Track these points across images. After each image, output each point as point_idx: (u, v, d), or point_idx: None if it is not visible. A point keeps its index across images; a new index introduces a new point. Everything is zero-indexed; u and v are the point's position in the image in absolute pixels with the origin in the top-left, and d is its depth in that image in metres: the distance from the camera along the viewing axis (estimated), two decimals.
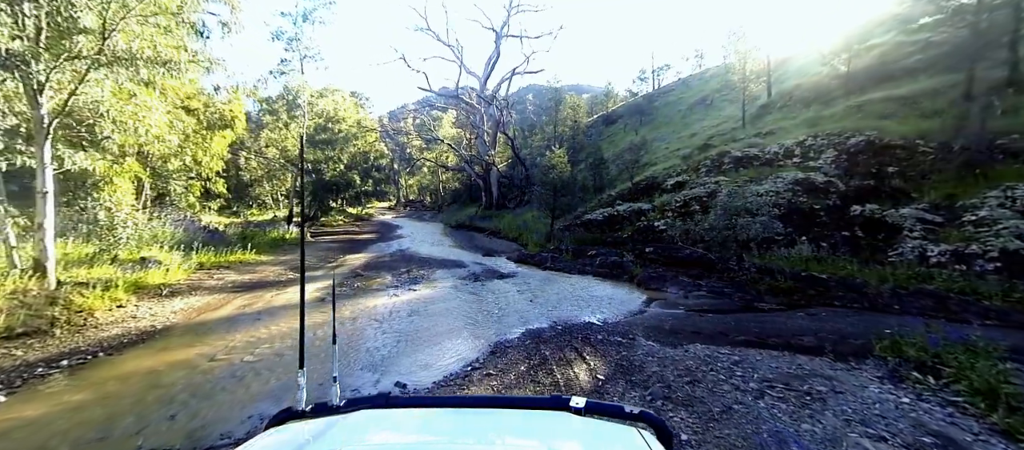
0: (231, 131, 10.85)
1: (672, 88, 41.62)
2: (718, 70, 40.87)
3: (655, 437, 0.98)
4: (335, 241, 17.40)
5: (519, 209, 26.24)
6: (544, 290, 9.01)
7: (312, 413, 1.13)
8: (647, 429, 1.02)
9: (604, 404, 1.11)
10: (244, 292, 8.26)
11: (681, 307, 7.43)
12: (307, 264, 12.20)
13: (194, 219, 13.32)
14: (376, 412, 1.13)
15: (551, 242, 14.77)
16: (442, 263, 12.36)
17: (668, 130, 30.69)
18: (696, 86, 38.73)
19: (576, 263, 11.49)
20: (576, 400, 1.09)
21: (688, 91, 38.57)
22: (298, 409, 1.14)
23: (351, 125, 22.44)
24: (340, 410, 1.13)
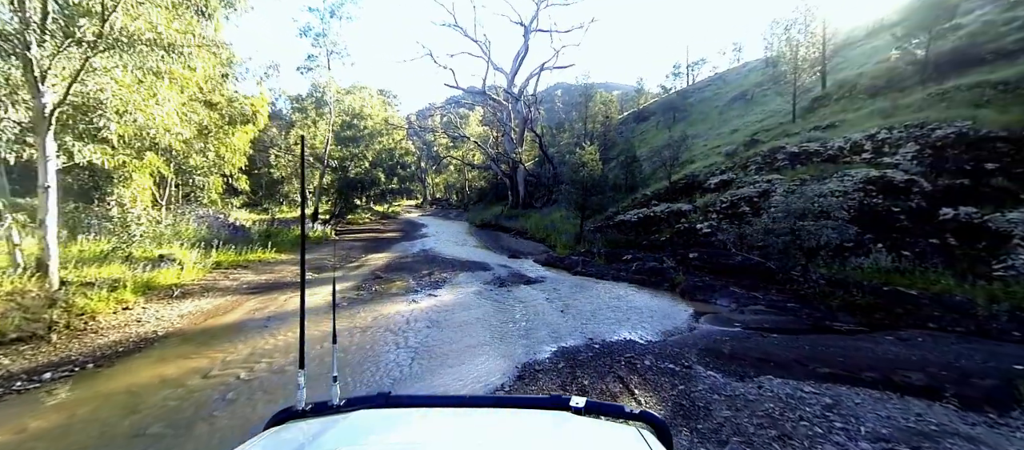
0: (253, 126, 10.55)
1: (707, 83, 39.59)
2: (758, 64, 38.58)
3: (655, 437, 0.97)
4: (359, 239, 17.07)
5: (546, 208, 25.35)
6: (576, 299, 8.15)
7: (312, 413, 1.12)
8: (647, 429, 1.01)
9: (604, 404, 1.10)
10: (257, 294, 7.80)
11: (737, 324, 6.41)
12: (328, 264, 11.77)
13: (219, 216, 13.18)
14: (376, 412, 1.13)
15: (581, 244, 13.84)
16: (466, 265, 11.68)
17: (705, 127, 29.02)
18: (734, 81, 36.65)
19: (609, 268, 10.54)
20: (576, 400, 1.09)
21: (725, 86, 36.55)
22: (298, 409, 1.12)
23: (377, 122, 22.15)
24: (340, 410, 1.13)
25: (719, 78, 39.32)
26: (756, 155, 12.44)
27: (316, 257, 12.23)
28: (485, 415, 1.15)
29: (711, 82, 39.23)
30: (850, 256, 7.63)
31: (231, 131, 10.13)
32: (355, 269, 10.87)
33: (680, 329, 6.32)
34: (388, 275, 10.05)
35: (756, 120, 20.04)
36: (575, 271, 10.89)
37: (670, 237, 11.71)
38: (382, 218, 27.64)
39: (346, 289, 8.61)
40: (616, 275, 9.98)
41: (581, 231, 16.44)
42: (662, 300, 8.11)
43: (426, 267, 11.10)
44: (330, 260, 11.90)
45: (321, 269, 10.66)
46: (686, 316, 7.04)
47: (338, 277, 9.80)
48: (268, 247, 11.06)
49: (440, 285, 9.10)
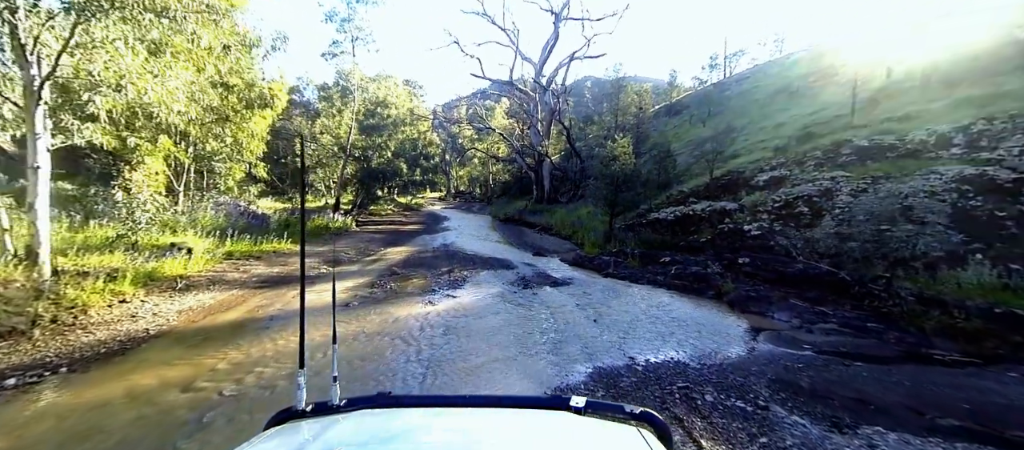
0: (271, 111, 10.10)
1: (746, 76, 37.36)
2: (803, 54, 36.09)
3: (656, 437, 0.97)
4: (379, 231, 16.59)
5: (572, 204, 24.33)
6: (609, 305, 7.24)
7: (312, 413, 1.10)
8: (648, 429, 1.00)
9: (605, 403, 1.10)
10: (265, 289, 7.25)
11: (807, 346, 5.37)
12: (344, 257, 11.23)
13: (240, 204, 12.88)
14: (376, 412, 1.12)
15: (611, 243, 12.84)
16: (488, 263, 10.91)
17: (743, 121, 27.20)
18: (775, 73, 34.35)
19: (644, 271, 9.54)
20: (576, 399, 1.08)
21: (765, 79, 34.32)
22: (298, 409, 1.10)
23: (402, 111, 21.61)
24: (340, 410, 1.12)
25: (759, 70, 37.00)
26: (814, 150, 11.08)
27: (332, 249, 11.73)
28: (485, 415, 1.13)
29: (750, 74, 36.96)
30: (941, 268, 6.40)
31: (248, 116, 9.69)
32: (372, 263, 10.27)
33: (738, 350, 5.33)
34: (405, 271, 9.39)
35: (805, 113, 18.37)
36: (606, 273, 9.94)
37: (712, 238, 10.58)
38: (404, 210, 27.27)
39: (360, 285, 7.99)
40: (652, 279, 8.98)
41: (611, 229, 15.41)
42: (708, 311, 7.09)
43: (446, 263, 10.39)
44: (348, 253, 11.37)
45: (337, 262, 10.11)
46: (741, 333, 6.03)
47: (353, 271, 9.21)
48: (284, 238, 10.61)
49: (460, 285, 8.36)
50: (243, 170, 10.69)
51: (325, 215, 16.17)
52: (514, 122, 34.33)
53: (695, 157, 23.02)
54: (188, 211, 10.09)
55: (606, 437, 0.99)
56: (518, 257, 12.43)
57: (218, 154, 10.14)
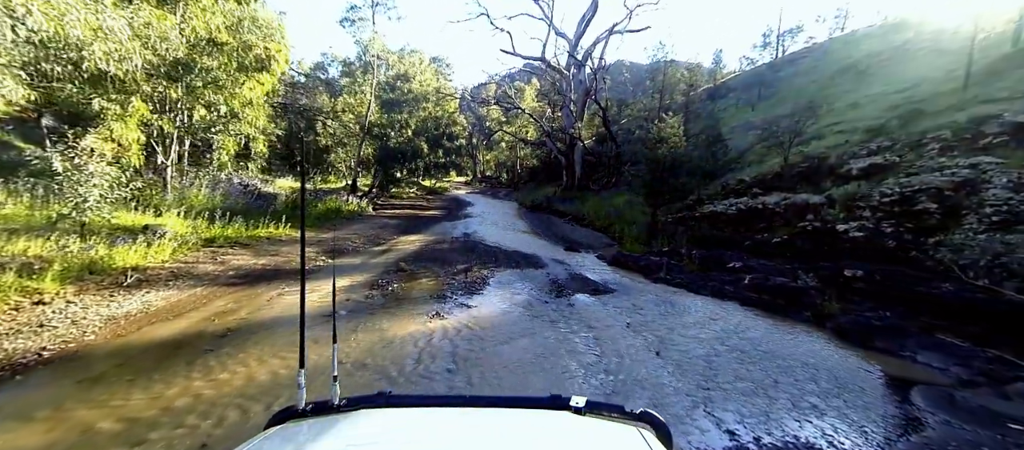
0: (267, 75, 8.66)
1: (801, 56, 33.56)
2: (873, 30, 31.96)
3: (656, 437, 0.95)
4: (396, 216, 15.15)
5: (606, 192, 22.21)
6: (670, 328, 5.40)
7: (312, 413, 1.08)
8: (648, 429, 0.98)
9: (605, 403, 1.07)
10: (238, 286, 5.80)
11: (1017, 424, 3.38)
12: (349, 246, 9.71)
13: (242, 182, 11.64)
14: (376, 411, 1.10)
15: (659, 240, 10.84)
16: (512, 258, 9.20)
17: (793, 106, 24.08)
18: (837, 51, 30.51)
19: (706, 278, 7.57)
20: (576, 399, 1.06)
21: (825, 58, 30.56)
22: (298, 408, 1.08)
23: (425, 87, 19.88)
24: (340, 409, 1.09)
25: (816, 49, 33.06)
26: (936, 130, 8.61)
27: (340, 236, 10.30)
28: (485, 415, 1.11)
29: (807, 54, 33.08)
30: None
31: (241, 79, 8.28)
32: (379, 255, 8.75)
33: (895, 424, 3.41)
34: (415, 268, 7.81)
35: (890, 92, 15.48)
36: (655, 277, 8.04)
37: (789, 238, 8.44)
38: (428, 194, 25.87)
39: (357, 285, 6.46)
40: (719, 289, 7.02)
41: (654, 222, 13.36)
42: (812, 342, 5.13)
43: (464, 258, 8.75)
44: (354, 241, 9.92)
45: (340, 252, 8.65)
46: (880, 386, 4.08)
47: (354, 265, 7.71)
48: (283, 222, 9.24)
49: (478, 289, 6.68)
50: (238, 144, 9.37)
51: (339, 197, 14.85)
52: (544, 105, 32.16)
53: (749, 142, 20.36)
54: (179, 189, 8.84)
55: (606, 437, 0.97)
56: (548, 252, 10.65)
57: (213, 125, 8.82)
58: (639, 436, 0.93)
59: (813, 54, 32.46)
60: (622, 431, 0.97)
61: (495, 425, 1.05)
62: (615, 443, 0.93)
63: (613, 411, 1.05)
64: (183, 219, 7.83)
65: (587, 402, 1.05)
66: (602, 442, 0.95)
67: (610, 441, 0.95)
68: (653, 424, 1.00)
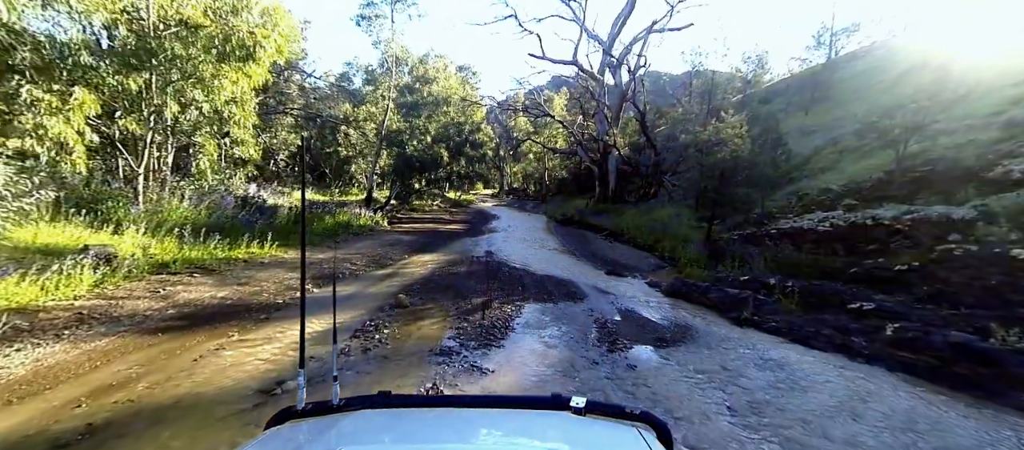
0: (254, 66, 7.25)
1: (858, 55, 30.18)
2: None
3: (656, 438, 0.94)
4: (412, 231, 13.52)
5: (644, 203, 19.92)
6: (804, 419, 3.31)
7: (312, 413, 1.06)
8: (648, 429, 0.96)
9: (605, 403, 1.07)
10: (165, 337, 4.15)
11: None
12: (346, 270, 7.92)
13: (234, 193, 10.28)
14: (376, 411, 1.08)
15: (725, 263, 8.59)
16: (544, 287, 7.25)
17: (865, 108, 21.08)
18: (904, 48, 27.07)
19: (817, 323, 5.34)
20: (576, 399, 1.03)
21: (891, 57, 27.17)
22: (297, 408, 1.05)
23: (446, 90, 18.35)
24: (340, 410, 1.07)
25: (878, 47, 29.58)
26: None
27: (341, 255, 8.67)
28: (485, 415, 1.11)
29: (863, 54, 29.67)
30: None
31: (223, 70, 6.89)
32: (378, 281, 7.02)
33: None
34: (419, 301, 6.00)
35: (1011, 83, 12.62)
36: (737, 317, 5.87)
37: (922, 266, 6.06)
38: (452, 206, 24.33)
39: (341, 325, 4.70)
40: (843, 343, 4.81)
41: (710, 239, 11.09)
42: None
43: (482, 287, 6.88)
44: (355, 262, 8.24)
45: (335, 277, 6.97)
46: None
47: (345, 296, 5.97)
48: (271, 240, 7.69)
49: (497, 338, 4.77)
50: (218, 147, 7.99)
51: (352, 211, 13.40)
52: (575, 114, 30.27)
53: (812, 147, 17.62)
54: (155, 200, 7.48)
55: (606, 437, 0.96)
56: (586, 276, 8.63)
57: (197, 126, 7.45)
58: (639, 436, 0.91)
59: (871, 54, 29.05)
60: (622, 431, 0.96)
61: (495, 425, 1.03)
62: (615, 443, 0.92)
63: (613, 411, 1.02)
64: (148, 237, 6.38)
65: (587, 402, 1.02)
66: (602, 442, 0.94)
67: (610, 441, 0.94)
68: (653, 424, 0.97)
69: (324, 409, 1.06)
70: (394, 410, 1.10)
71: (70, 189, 6.71)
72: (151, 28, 6.28)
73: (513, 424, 1.03)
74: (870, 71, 26.46)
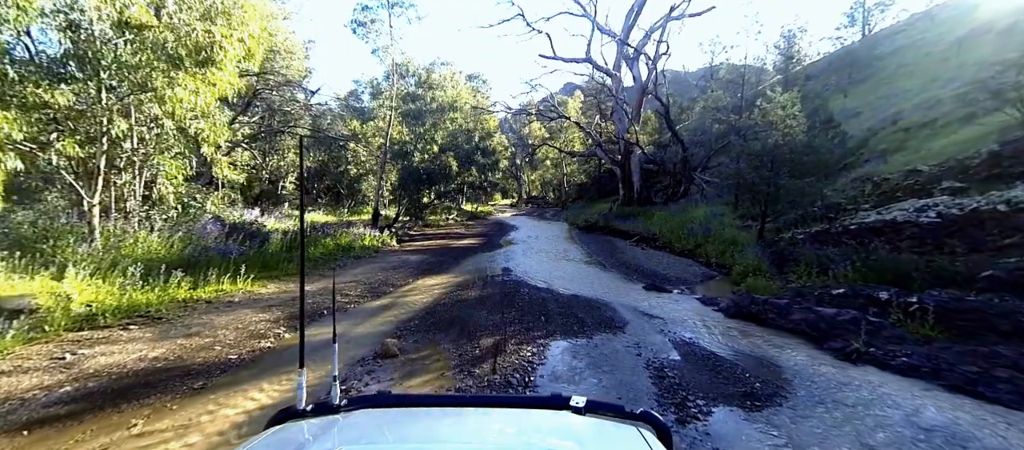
0: (216, 71, 6.12)
1: (900, 29, 27.54)
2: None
3: (656, 437, 0.93)
4: (423, 249, 12.22)
5: (673, 204, 18.10)
6: None
7: (312, 413, 1.05)
8: (648, 429, 0.96)
9: (605, 403, 1.04)
10: (40, 433, 2.86)
11: None
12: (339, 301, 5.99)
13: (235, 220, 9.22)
14: (376, 411, 1.08)
15: (798, 270, 6.83)
16: (572, 312, 5.73)
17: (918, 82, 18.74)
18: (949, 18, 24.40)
19: (975, 357, 3.63)
20: (576, 399, 1.03)
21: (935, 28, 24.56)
22: (298, 409, 1.05)
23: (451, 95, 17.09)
24: (340, 410, 1.06)
25: (919, 20, 26.87)
26: None
27: (338, 283, 7.38)
28: (485, 414, 1.10)
29: (904, 28, 27.02)
30: None
31: (179, 78, 5.78)
32: (370, 317, 5.66)
33: None
34: (415, 344, 4.61)
35: None
36: (844, 351, 4.20)
37: None
38: (468, 219, 23.04)
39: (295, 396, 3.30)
40: (1013, 393, 3.09)
41: (763, 239, 9.31)
42: None
43: (496, 318, 5.41)
44: (350, 292, 6.92)
45: (311, 317, 5.65)
46: None
47: (315, 346, 4.61)
48: (244, 274, 6.46)
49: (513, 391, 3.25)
50: (182, 169, 6.85)
51: (355, 230, 12.22)
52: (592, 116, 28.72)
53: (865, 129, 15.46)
54: (119, 235, 6.40)
55: (606, 436, 0.96)
56: (622, 294, 7.05)
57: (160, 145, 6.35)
58: (639, 436, 0.91)
59: (913, 27, 26.39)
60: (622, 431, 0.95)
61: (495, 425, 1.03)
62: (615, 443, 0.92)
63: (613, 411, 1.02)
64: (94, 280, 5.24)
65: (587, 402, 1.02)
66: (602, 442, 0.94)
67: (610, 441, 0.94)
68: (653, 424, 0.97)
69: (324, 409, 1.05)
70: (394, 410, 1.10)
71: (11, 227, 5.68)
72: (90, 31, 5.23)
73: (513, 423, 1.02)
74: (915, 44, 23.92)
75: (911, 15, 28.90)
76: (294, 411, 1.04)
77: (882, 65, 23.67)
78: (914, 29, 26.08)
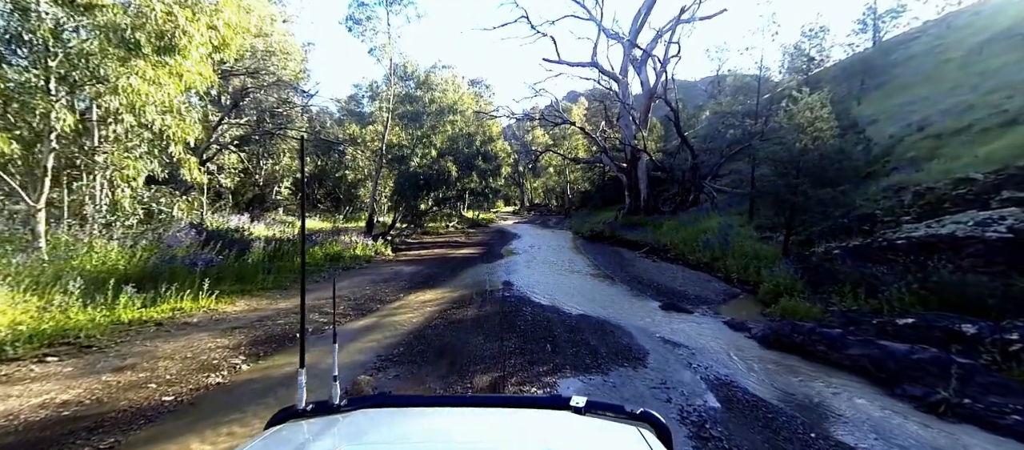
0: (182, 60, 5.41)
1: (914, 36, 26.71)
2: None
3: (656, 437, 0.92)
4: (418, 259, 11.40)
5: (683, 212, 17.22)
6: None
7: (312, 413, 1.03)
8: (648, 429, 0.94)
9: (605, 403, 1.03)
10: None
11: None
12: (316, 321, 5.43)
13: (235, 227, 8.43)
14: (376, 411, 1.07)
15: (842, 290, 5.94)
16: (582, 341, 4.87)
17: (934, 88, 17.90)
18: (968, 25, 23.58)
19: None
20: (576, 399, 1.02)
21: (950, 34, 23.74)
22: (298, 408, 1.03)
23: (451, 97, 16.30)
24: (340, 410, 1.04)
25: (938, 24, 26.05)
26: None
27: (321, 298, 6.56)
28: (485, 415, 1.09)
29: (923, 32, 26.19)
30: None
31: (136, 69, 5.07)
32: (348, 342, 4.82)
33: None
34: (395, 381, 3.77)
35: None
36: (927, 400, 3.33)
37: None
38: (470, 226, 22.25)
39: None
40: None
41: (788, 253, 8.44)
42: None
43: (494, 344, 4.56)
44: (329, 311, 6.10)
45: (276, 341, 4.82)
46: None
47: (266, 385, 3.78)
48: (207, 289, 5.65)
49: None
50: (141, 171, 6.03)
51: (351, 238, 11.41)
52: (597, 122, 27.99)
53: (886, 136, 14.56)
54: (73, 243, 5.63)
55: (606, 437, 0.94)
56: (638, 315, 6.18)
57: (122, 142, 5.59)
58: (639, 436, 0.90)
59: (930, 32, 25.56)
60: (622, 431, 0.94)
61: (495, 425, 1.02)
62: (615, 443, 0.91)
63: (613, 411, 1.01)
64: (30, 296, 4.45)
65: (587, 402, 1.01)
66: (602, 442, 0.93)
67: (610, 441, 0.93)
68: (653, 424, 0.96)
69: (325, 409, 1.03)
70: (394, 410, 1.09)
71: None
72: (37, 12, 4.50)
73: (513, 423, 1.01)
74: (932, 51, 23.06)
75: (925, 22, 28.11)
76: (294, 411, 1.02)
77: (897, 72, 22.82)
78: (929, 35, 25.27)
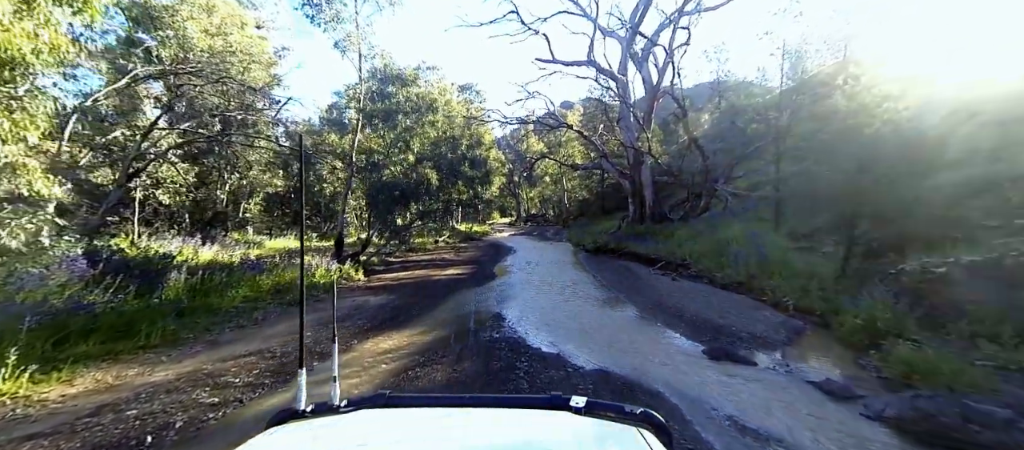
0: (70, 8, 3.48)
1: None
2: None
3: (656, 437, 0.91)
4: (394, 283, 9.41)
5: (695, 220, 15.35)
6: None
7: (312, 413, 1.04)
8: (648, 429, 0.94)
9: (605, 403, 1.03)
10: None
11: None
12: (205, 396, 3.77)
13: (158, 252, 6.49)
14: (376, 412, 1.06)
15: (1000, 341, 4.05)
16: None
17: None
18: None
19: None
20: (576, 399, 1.02)
21: None
22: (298, 409, 1.04)
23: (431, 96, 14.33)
24: (340, 410, 1.05)
25: None
26: None
27: (239, 353, 4.57)
28: (485, 415, 1.07)
29: None
30: None
31: None
32: None
33: None
34: None
35: None
36: None
37: None
38: (462, 240, 20.26)
39: None
40: None
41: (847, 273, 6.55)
42: None
43: None
44: (245, 373, 4.09)
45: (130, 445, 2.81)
46: None
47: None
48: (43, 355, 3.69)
49: None
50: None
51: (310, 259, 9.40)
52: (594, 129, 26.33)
53: None
54: None
55: (606, 437, 0.94)
56: (679, 372, 4.18)
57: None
58: (639, 436, 0.90)
59: None
60: (622, 431, 0.94)
61: (496, 425, 1.01)
62: (615, 443, 0.91)
63: (613, 411, 1.00)
64: None
65: (587, 402, 1.01)
66: (602, 442, 0.92)
67: (610, 441, 0.92)
68: (653, 424, 0.96)
69: (325, 410, 1.03)
70: (394, 410, 1.08)
71: None
72: None
73: (513, 424, 1.01)
74: None
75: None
76: (294, 412, 1.01)
77: None
78: None
